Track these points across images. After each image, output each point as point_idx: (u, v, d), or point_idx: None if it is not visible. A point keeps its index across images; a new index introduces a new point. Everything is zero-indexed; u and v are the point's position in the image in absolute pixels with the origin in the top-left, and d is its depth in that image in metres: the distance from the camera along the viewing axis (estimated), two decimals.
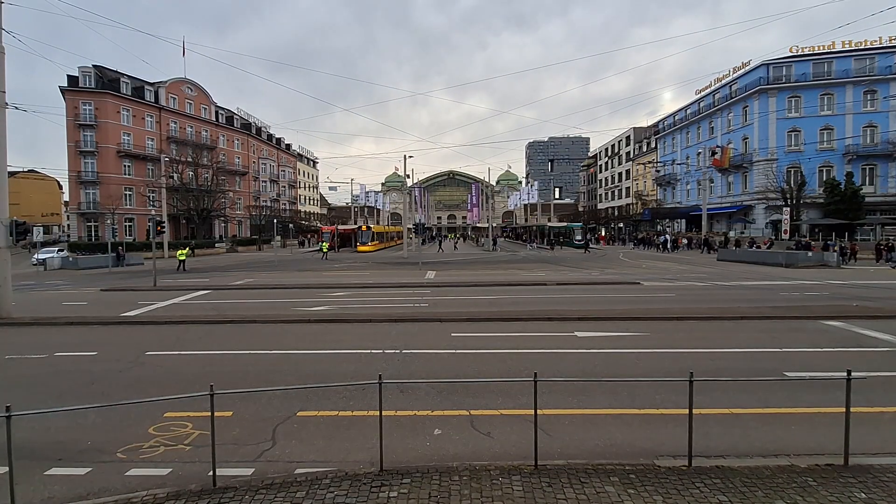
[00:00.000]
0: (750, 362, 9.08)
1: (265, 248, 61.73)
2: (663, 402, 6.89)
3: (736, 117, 53.84)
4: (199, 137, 66.47)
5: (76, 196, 55.28)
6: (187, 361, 9.75)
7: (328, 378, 8.36)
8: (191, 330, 12.66)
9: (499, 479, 4.66)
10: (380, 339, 11.05)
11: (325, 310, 15.53)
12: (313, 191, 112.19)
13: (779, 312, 13.62)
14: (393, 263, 37.18)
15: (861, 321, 12.37)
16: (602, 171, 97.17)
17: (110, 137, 55.30)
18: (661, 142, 72.89)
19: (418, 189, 77.22)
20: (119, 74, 57.64)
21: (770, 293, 18.21)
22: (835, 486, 4.50)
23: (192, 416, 6.47)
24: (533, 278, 24.43)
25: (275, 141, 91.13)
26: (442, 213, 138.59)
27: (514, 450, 5.54)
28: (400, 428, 6.20)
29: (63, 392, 7.86)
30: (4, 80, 13.78)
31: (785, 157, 47.68)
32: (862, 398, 6.25)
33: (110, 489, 4.86)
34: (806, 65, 48.35)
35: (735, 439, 5.82)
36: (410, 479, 4.69)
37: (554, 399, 7.00)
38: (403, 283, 22.90)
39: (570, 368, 8.81)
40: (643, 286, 20.75)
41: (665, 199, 70.31)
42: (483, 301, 16.95)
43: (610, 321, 12.74)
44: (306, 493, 4.46)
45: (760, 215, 49.18)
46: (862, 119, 47.14)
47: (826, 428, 5.97)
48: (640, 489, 4.46)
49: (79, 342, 11.28)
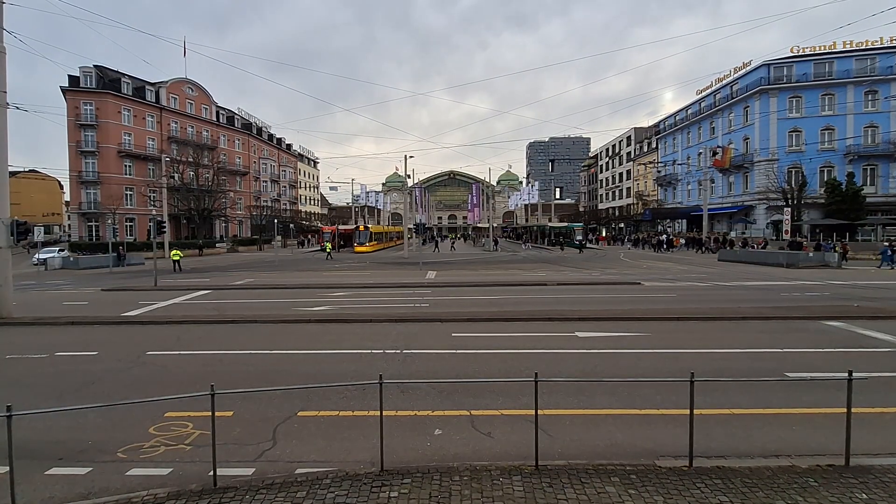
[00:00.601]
0: (751, 363, 9.07)
1: (266, 248, 61.76)
2: (664, 402, 6.88)
3: (737, 117, 53.79)
4: (199, 137, 66.48)
5: (77, 196, 55.31)
6: (188, 361, 9.75)
7: (329, 378, 8.36)
8: (191, 330, 12.66)
9: (499, 479, 4.66)
10: (380, 339, 11.05)
11: (325, 310, 15.53)
12: (314, 191, 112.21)
13: (780, 313, 13.60)
14: (393, 263, 37.19)
15: (862, 321, 12.35)
16: (603, 171, 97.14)
17: (111, 137, 55.33)
18: (661, 142, 72.86)
19: (419, 189, 77.22)
20: (120, 74, 57.68)
21: (771, 293, 18.20)
22: (836, 487, 4.49)
23: (192, 416, 6.47)
24: (533, 278, 24.42)
25: (275, 141, 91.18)
26: (442, 214, 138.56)
27: (515, 450, 5.53)
28: (400, 428, 6.20)
29: (64, 392, 7.86)
30: (6, 79, 13.79)
31: (786, 158, 47.63)
32: (863, 399, 6.23)
33: (111, 489, 4.86)
34: (807, 65, 48.30)
35: (736, 440, 5.81)
36: (411, 479, 4.69)
37: (555, 399, 7.00)
38: (404, 283, 22.90)
39: (571, 369, 8.81)
40: (644, 286, 20.74)
41: (666, 199, 70.27)
42: (484, 301, 16.95)
43: (610, 321, 12.73)
44: (307, 493, 4.46)
45: (761, 216, 49.14)
46: (863, 119, 47.10)
47: (827, 428, 5.95)
48: (640, 489, 4.46)
49: (80, 342, 11.29)
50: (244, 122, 79.36)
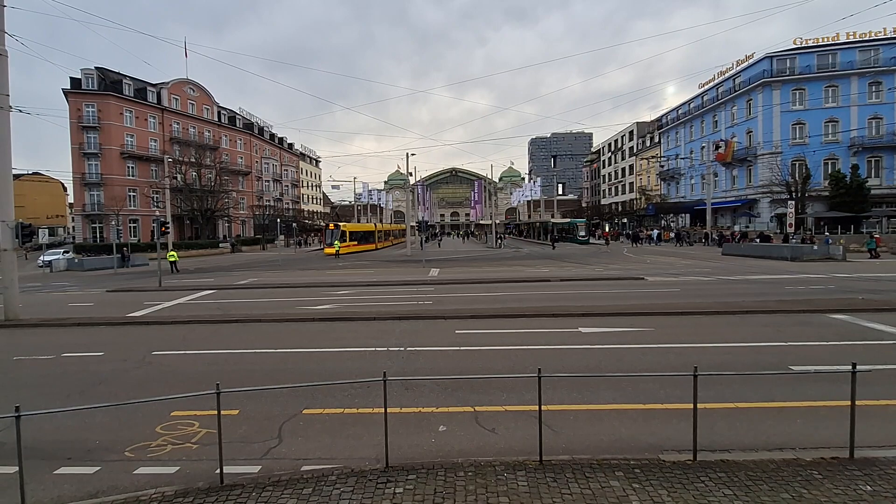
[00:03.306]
0: (755, 356, 9.07)
1: (269, 247, 61.90)
2: (668, 396, 6.89)
3: (740, 110, 53.48)
4: (201, 138, 66.64)
5: (81, 198, 55.55)
6: (193, 361, 9.81)
7: (333, 376, 8.39)
8: (196, 329, 12.72)
9: (504, 474, 4.68)
10: (384, 337, 11.08)
11: (329, 308, 15.57)
12: (316, 190, 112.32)
13: (784, 306, 13.56)
14: (397, 261, 37.26)
15: (867, 314, 12.30)
16: (605, 166, 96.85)
17: (113, 139, 55.51)
18: (664, 136, 72.53)
19: (421, 187, 77.22)
20: (121, 76, 57.82)
21: (775, 287, 18.13)
22: (840, 479, 4.50)
23: (198, 415, 6.51)
24: (537, 275, 24.41)
25: (277, 140, 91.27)
26: (445, 211, 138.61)
27: (519, 445, 5.55)
28: (405, 425, 6.23)
29: (71, 392, 7.92)
30: (7, 82, 13.85)
31: (789, 150, 47.36)
32: (868, 391, 6.23)
33: (119, 487, 4.91)
34: (810, 57, 47.96)
35: (740, 433, 5.81)
36: (416, 475, 4.72)
37: (558, 395, 7.01)
38: (407, 280, 22.92)
39: (575, 364, 8.82)
40: (647, 281, 20.71)
41: (669, 193, 70.02)
42: (487, 298, 16.96)
43: (614, 317, 12.73)
44: (313, 490, 4.49)
45: (765, 209, 48.93)
46: (867, 111, 46.77)
47: (831, 421, 5.96)
48: (644, 483, 4.47)
49: (86, 343, 11.36)
50: (246, 121, 79.43)
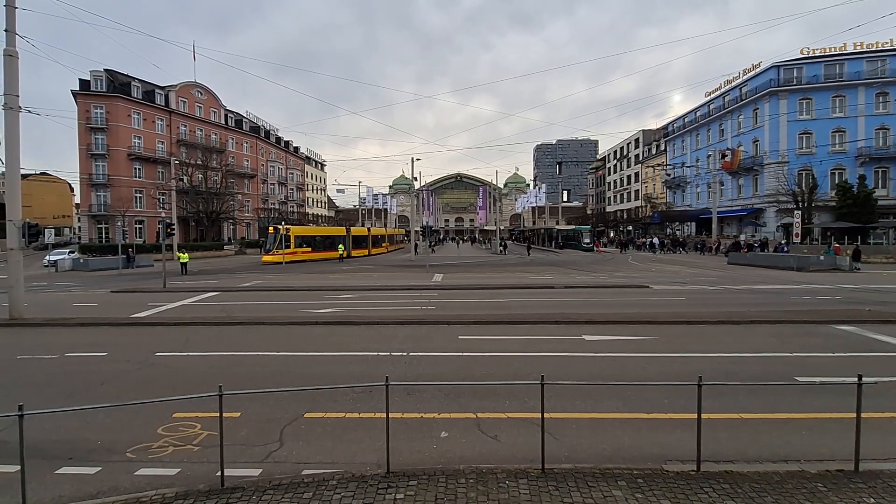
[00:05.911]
0: (760, 367, 9.00)
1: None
2: (672, 406, 6.83)
3: (746, 119, 53.40)
4: (208, 140, 67.13)
5: (87, 198, 56.00)
6: (196, 362, 9.82)
7: (335, 380, 8.37)
8: (200, 331, 12.75)
9: (505, 482, 4.65)
10: (387, 342, 11.06)
11: (332, 312, 15.58)
12: (321, 193, 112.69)
13: (790, 316, 13.46)
14: (400, 266, 37.26)
15: (874, 325, 12.20)
16: (611, 173, 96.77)
17: (121, 140, 55.96)
18: (670, 144, 72.49)
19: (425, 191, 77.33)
20: (130, 78, 58.35)
21: (781, 297, 18.02)
22: (845, 492, 4.45)
23: (200, 417, 6.51)
24: (541, 281, 24.36)
25: (283, 144, 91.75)
26: (450, 216, 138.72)
27: (521, 453, 5.52)
28: (406, 430, 6.20)
29: (73, 392, 7.95)
30: (18, 84, 13.99)
31: (796, 160, 47.22)
32: (873, 403, 6.17)
33: (120, 488, 4.91)
34: (817, 66, 47.88)
35: (744, 444, 5.76)
36: (417, 481, 4.70)
37: (561, 403, 6.97)
38: (411, 285, 22.92)
39: (578, 372, 8.77)
40: (652, 290, 20.62)
41: (675, 201, 69.84)
42: (490, 304, 16.93)
43: (618, 325, 12.66)
44: (313, 494, 4.48)
45: (771, 218, 48.72)
46: (874, 121, 46.58)
47: (836, 433, 5.90)
48: (647, 494, 4.43)
49: (89, 343, 11.40)
50: (252, 125, 79.94)
